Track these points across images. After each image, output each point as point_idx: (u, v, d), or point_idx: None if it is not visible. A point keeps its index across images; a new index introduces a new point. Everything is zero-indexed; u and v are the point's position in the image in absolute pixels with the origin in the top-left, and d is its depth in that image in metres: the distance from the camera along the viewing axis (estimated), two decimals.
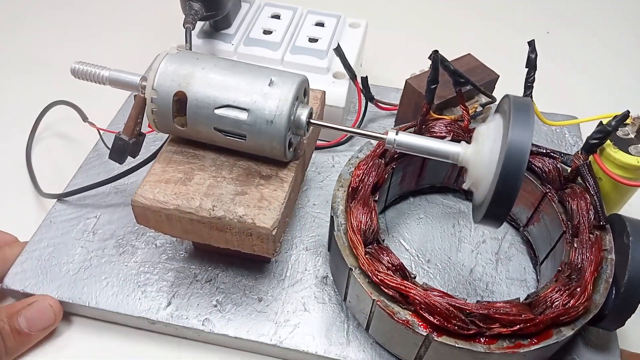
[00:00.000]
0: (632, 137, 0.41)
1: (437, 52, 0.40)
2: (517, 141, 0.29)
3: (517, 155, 0.29)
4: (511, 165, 0.29)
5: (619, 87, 0.66)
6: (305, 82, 0.36)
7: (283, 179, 0.37)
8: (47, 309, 0.39)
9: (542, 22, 0.75)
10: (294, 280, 0.42)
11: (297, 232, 0.45)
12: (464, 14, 0.76)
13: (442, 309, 0.33)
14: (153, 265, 0.42)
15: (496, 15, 0.76)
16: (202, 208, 0.34)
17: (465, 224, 0.46)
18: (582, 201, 0.39)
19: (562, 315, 0.33)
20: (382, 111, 0.55)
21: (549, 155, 0.42)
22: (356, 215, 0.37)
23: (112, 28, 0.69)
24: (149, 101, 0.35)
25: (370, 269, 0.34)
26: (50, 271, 0.41)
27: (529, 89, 0.43)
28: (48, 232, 0.43)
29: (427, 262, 0.44)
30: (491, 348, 0.33)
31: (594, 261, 0.36)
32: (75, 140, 0.53)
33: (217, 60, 0.35)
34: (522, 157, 0.29)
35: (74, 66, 0.37)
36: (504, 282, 0.43)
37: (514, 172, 0.29)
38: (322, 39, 0.51)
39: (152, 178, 0.36)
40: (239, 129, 0.34)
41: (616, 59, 0.70)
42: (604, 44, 0.72)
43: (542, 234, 0.43)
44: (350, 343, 0.39)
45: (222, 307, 0.40)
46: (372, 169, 0.40)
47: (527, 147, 0.29)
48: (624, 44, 0.72)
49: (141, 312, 0.39)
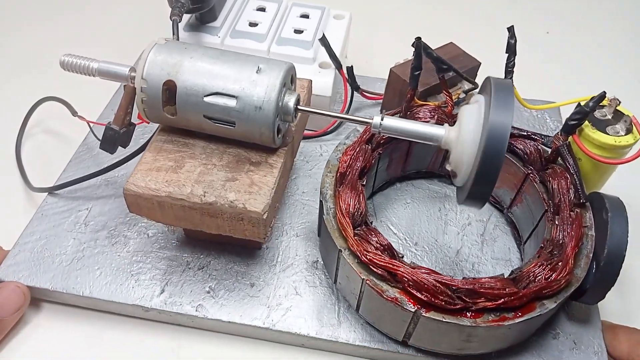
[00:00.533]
0: (609, 118, 0.42)
1: (420, 39, 0.41)
2: (498, 121, 0.30)
3: (499, 136, 0.30)
4: (493, 145, 0.30)
5: (599, 73, 0.67)
6: (292, 70, 0.37)
7: (272, 165, 0.37)
8: (13, 290, 0.39)
9: (518, 10, 0.77)
10: (285, 266, 0.43)
11: (288, 219, 0.46)
12: (444, 4, 0.77)
13: (430, 285, 0.34)
14: (145, 254, 0.42)
15: (477, 4, 0.77)
16: (193, 194, 0.35)
17: (451, 208, 0.48)
18: (562, 180, 0.40)
19: (544, 289, 0.35)
20: (368, 100, 0.56)
21: (530, 137, 0.43)
22: (344, 198, 0.38)
23: (99, 23, 0.69)
24: (138, 90, 0.35)
25: (359, 249, 0.35)
26: (43, 262, 0.41)
27: (510, 73, 0.44)
28: (40, 224, 0.44)
29: (415, 245, 0.45)
30: (477, 322, 0.34)
31: (575, 237, 0.37)
32: (64, 135, 0.54)
33: (205, 49, 0.36)
34: (503, 137, 0.30)
35: (62, 59, 0.38)
36: (489, 262, 0.44)
37: (496, 152, 0.30)
38: (307, 30, 0.52)
39: (143, 167, 0.36)
40: (228, 116, 0.35)
41: (597, 46, 0.72)
42: (586, 31, 0.74)
43: (525, 214, 0.44)
44: (341, 324, 0.40)
45: (215, 293, 0.41)
46: (359, 154, 0.41)
47: (508, 127, 0.30)
48: (603, 31, 0.74)
49: (135, 300, 0.40)
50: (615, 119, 0.42)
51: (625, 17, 0.77)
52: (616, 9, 0.78)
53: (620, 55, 0.70)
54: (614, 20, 0.76)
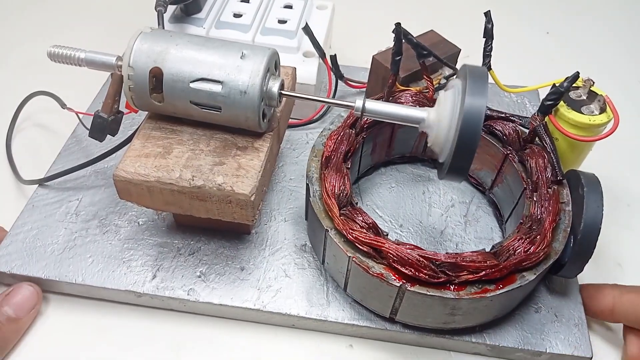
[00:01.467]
0: (584, 98, 0.44)
1: (400, 25, 0.42)
2: (474, 100, 0.32)
3: (474, 111, 0.32)
4: (469, 120, 0.32)
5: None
6: (276, 55, 0.38)
7: (259, 149, 0.38)
8: (27, 290, 0.40)
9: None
10: (274, 249, 0.44)
11: (276, 205, 0.47)
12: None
13: (413, 260, 0.35)
14: (137, 242, 0.43)
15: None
16: (182, 179, 0.36)
17: (434, 190, 0.49)
18: (540, 159, 0.42)
19: (524, 261, 0.36)
20: (352, 89, 0.57)
21: (509, 119, 0.45)
22: (330, 180, 0.39)
23: (83, 16, 0.69)
24: (125, 78, 0.36)
25: (344, 228, 0.36)
26: (35, 252, 0.42)
27: (487, 57, 0.46)
28: (31, 216, 0.44)
29: (400, 227, 0.46)
30: (460, 294, 0.35)
31: (552, 212, 0.39)
32: (53, 129, 0.54)
33: (191, 36, 0.37)
34: (478, 113, 0.32)
35: (50, 50, 0.38)
36: (472, 241, 0.45)
37: (472, 126, 0.32)
38: (290, 20, 0.53)
39: (132, 153, 0.37)
40: (214, 101, 0.36)
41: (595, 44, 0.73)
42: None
43: (505, 194, 0.45)
44: (330, 304, 0.41)
45: (205, 277, 0.41)
46: (343, 138, 0.42)
47: (483, 104, 0.32)
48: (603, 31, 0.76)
49: (127, 286, 0.40)
50: (590, 99, 0.44)
51: (625, 16, 0.79)
52: (615, 9, 0.80)
53: (616, 56, 0.72)
54: (613, 21, 0.78)
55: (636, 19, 0.77)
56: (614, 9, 0.79)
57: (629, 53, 0.71)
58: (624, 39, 0.73)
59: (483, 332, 0.39)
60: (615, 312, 0.40)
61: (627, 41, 0.73)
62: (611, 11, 0.78)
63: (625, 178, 0.54)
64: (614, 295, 0.40)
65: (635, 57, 0.70)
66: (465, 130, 0.32)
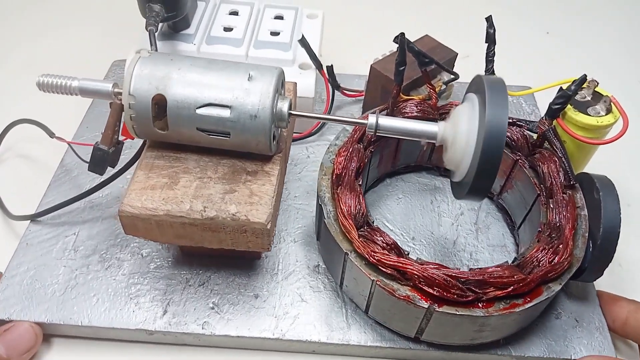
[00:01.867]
0: (588, 99, 0.44)
1: (403, 35, 0.41)
2: (496, 118, 0.31)
3: (497, 132, 0.31)
4: (491, 142, 0.31)
5: (576, 69, 0.69)
6: (282, 75, 0.36)
7: (270, 173, 0.37)
8: (26, 330, 0.37)
9: (488, 8, 0.78)
10: (287, 273, 0.42)
11: (284, 226, 0.45)
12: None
13: (440, 280, 0.34)
14: (142, 275, 0.41)
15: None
16: (193, 210, 0.34)
17: (442, 199, 0.48)
18: (551, 164, 0.41)
19: (549, 272, 0.35)
20: (348, 98, 0.56)
21: (516, 124, 0.44)
22: (344, 200, 0.38)
23: (62, 43, 0.66)
24: (126, 107, 0.34)
25: (366, 251, 0.35)
26: (35, 295, 0.39)
27: (490, 63, 0.45)
28: (26, 255, 0.42)
29: (412, 240, 0.45)
30: (489, 311, 0.34)
31: (571, 218, 0.38)
32: (38, 159, 0.51)
33: (193, 59, 0.35)
34: (501, 134, 0.31)
35: (40, 79, 0.36)
36: (486, 249, 0.45)
37: (495, 148, 0.31)
38: (283, 32, 0.51)
39: (136, 186, 0.35)
40: (222, 127, 0.34)
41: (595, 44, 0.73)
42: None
43: (516, 199, 0.45)
44: (350, 327, 0.39)
45: (219, 308, 0.40)
46: (353, 154, 0.41)
47: (505, 123, 0.31)
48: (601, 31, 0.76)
49: (138, 324, 0.38)
50: (595, 100, 0.44)
51: (625, 17, 0.79)
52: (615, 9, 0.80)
53: (616, 56, 0.72)
54: (613, 21, 0.78)
55: (636, 19, 0.78)
56: (614, 9, 0.79)
57: (629, 53, 0.72)
58: (624, 39, 0.74)
59: (508, 345, 0.39)
60: (627, 325, 0.39)
61: (627, 41, 0.74)
62: (611, 11, 0.79)
63: (626, 178, 0.54)
64: (630, 310, 0.40)
65: (636, 57, 0.71)
66: (488, 148, 0.31)
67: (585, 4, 0.80)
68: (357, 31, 0.70)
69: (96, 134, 0.51)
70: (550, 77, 0.46)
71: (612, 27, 0.76)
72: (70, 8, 0.71)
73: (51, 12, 0.70)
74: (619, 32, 0.75)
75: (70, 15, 0.70)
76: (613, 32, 0.75)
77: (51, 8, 0.71)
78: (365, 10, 0.75)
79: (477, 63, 0.46)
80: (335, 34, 0.66)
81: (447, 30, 0.58)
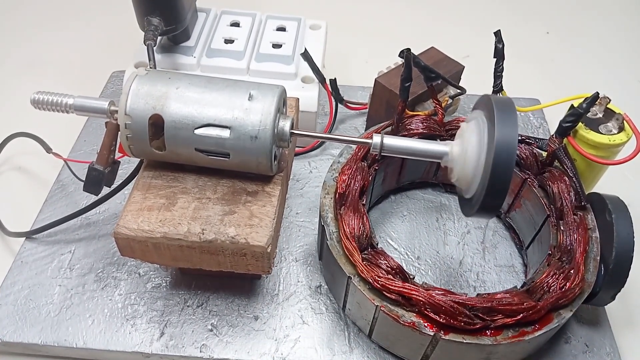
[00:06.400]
0: (600, 116, 0.42)
1: (409, 50, 0.39)
2: (506, 138, 0.30)
3: (507, 151, 0.30)
4: (501, 160, 0.30)
5: (576, 69, 0.68)
6: (284, 93, 0.35)
7: (270, 194, 0.36)
8: None
9: (488, 9, 0.77)
10: (288, 294, 0.41)
11: (285, 244, 0.44)
12: (403, 7, 0.77)
13: (447, 307, 0.33)
14: (139, 295, 0.40)
15: (452, 6, 0.77)
16: (191, 233, 0.33)
17: (448, 217, 0.47)
18: (562, 184, 0.40)
19: (560, 299, 0.34)
20: (351, 111, 0.55)
21: (525, 141, 0.43)
22: (348, 222, 0.37)
23: (55, 56, 0.65)
24: (122, 127, 0.33)
25: (370, 275, 0.34)
26: (29, 315, 0.38)
27: (499, 78, 0.44)
28: (21, 273, 0.41)
29: (417, 259, 0.44)
30: (498, 339, 0.33)
31: (582, 241, 0.37)
32: (34, 174, 0.50)
33: (191, 77, 0.34)
34: (511, 152, 0.30)
35: (34, 97, 0.35)
36: (493, 270, 0.43)
37: (505, 167, 0.30)
38: (286, 44, 0.50)
39: (133, 207, 0.34)
40: (222, 148, 0.33)
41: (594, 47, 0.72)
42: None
43: (525, 219, 0.44)
44: (353, 350, 0.38)
45: (218, 330, 0.39)
46: (356, 173, 0.39)
47: (515, 142, 0.30)
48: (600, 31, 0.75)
49: (134, 347, 0.37)
50: (607, 117, 0.42)
51: (625, 17, 0.78)
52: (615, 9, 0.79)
53: (616, 56, 0.71)
54: (613, 21, 0.77)
55: (636, 19, 0.76)
56: (613, 9, 0.78)
57: (629, 53, 0.70)
58: (624, 39, 0.73)
59: None
60: None
61: (627, 41, 0.73)
62: (611, 11, 0.78)
63: (625, 178, 0.52)
64: None
65: (636, 57, 0.70)
66: (498, 166, 0.30)
67: (586, 3, 0.79)
68: (361, 41, 0.69)
69: (94, 147, 0.50)
70: (550, 77, 0.45)
71: (612, 27, 0.75)
72: (71, 18, 0.70)
73: (51, 23, 0.69)
74: (619, 32, 0.74)
75: (71, 26, 0.69)
76: (613, 32, 0.74)
77: (51, 19, 0.70)
78: (368, 20, 0.74)
79: (477, 63, 0.45)
80: (339, 45, 0.65)
81: (448, 30, 0.56)
